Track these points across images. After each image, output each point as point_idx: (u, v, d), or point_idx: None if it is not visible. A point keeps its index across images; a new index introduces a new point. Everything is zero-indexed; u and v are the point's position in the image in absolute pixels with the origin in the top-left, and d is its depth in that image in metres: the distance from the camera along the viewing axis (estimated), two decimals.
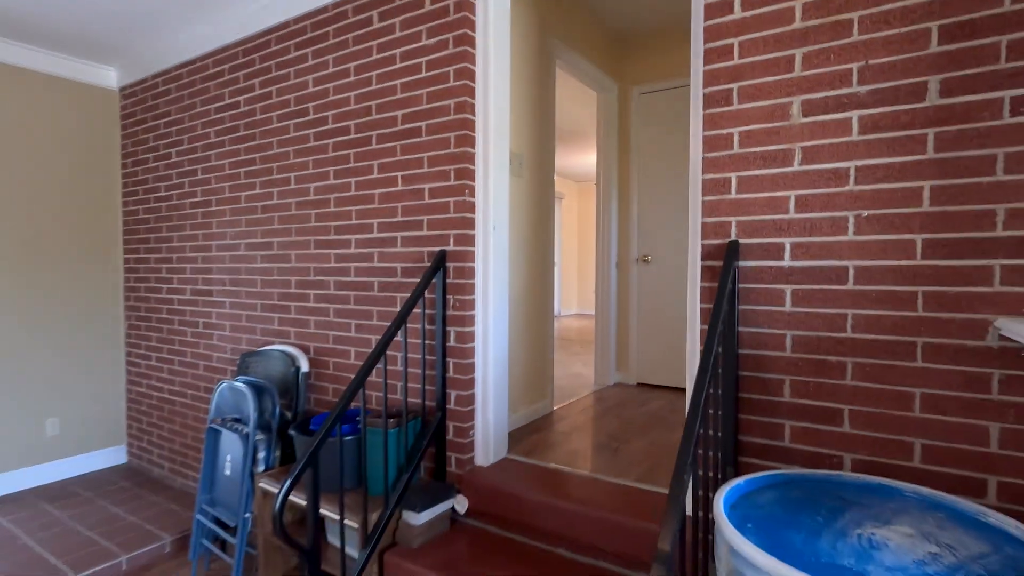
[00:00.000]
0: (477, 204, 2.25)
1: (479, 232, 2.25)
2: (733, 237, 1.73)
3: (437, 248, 2.28)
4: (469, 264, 2.23)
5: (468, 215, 2.22)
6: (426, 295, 2.30)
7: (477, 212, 2.25)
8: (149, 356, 3.60)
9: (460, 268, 2.22)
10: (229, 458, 2.49)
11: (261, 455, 2.38)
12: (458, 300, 2.23)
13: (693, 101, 1.80)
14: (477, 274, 2.26)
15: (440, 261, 2.21)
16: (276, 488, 2.21)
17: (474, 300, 2.25)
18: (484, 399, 2.28)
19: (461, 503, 2.12)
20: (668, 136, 3.91)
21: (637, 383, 4.07)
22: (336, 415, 1.74)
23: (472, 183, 2.23)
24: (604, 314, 4.08)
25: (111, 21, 2.99)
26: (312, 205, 2.69)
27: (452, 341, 2.25)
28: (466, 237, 2.22)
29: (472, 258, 2.24)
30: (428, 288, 2.27)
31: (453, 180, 2.22)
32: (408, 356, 2.32)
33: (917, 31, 1.47)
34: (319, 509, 1.75)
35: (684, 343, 3.84)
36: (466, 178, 2.21)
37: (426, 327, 2.29)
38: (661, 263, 3.97)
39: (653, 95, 3.98)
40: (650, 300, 4.02)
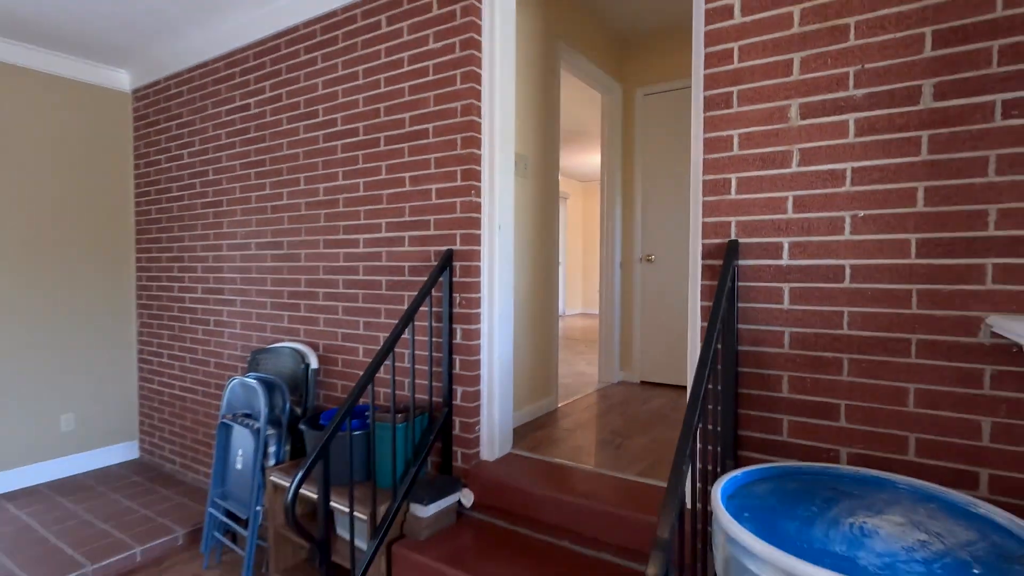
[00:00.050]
0: (483, 204, 2.30)
1: (485, 232, 2.30)
2: (733, 236, 1.77)
3: (444, 247, 2.33)
4: (475, 263, 2.28)
5: (474, 215, 2.27)
6: (433, 293, 2.35)
7: (483, 212, 2.30)
8: (161, 353, 3.67)
9: (466, 267, 2.27)
10: (240, 453, 2.55)
11: (272, 449, 2.44)
12: (464, 298, 2.28)
13: (694, 104, 1.84)
14: (483, 273, 2.31)
15: (447, 260, 2.26)
16: (287, 481, 2.27)
17: (480, 298, 2.30)
18: (489, 395, 2.33)
19: (467, 497, 2.17)
20: (671, 137, 3.95)
21: (640, 381, 4.11)
22: (346, 409, 1.79)
23: (478, 184, 2.28)
24: (608, 313, 4.12)
25: (125, 26, 3.05)
26: (321, 205, 2.75)
27: (458, 339, 2.30)
28: (472, 237, 2.27)
29: (478, 257, 2.29)
30: (435, 287, 2.32)
31: (460, 181, 2.27)
32: (415, 353, 2.37)
33: (912, 36, 1.51)
34: (330, 501, 1.80)
35: (687, 342, 3.87)
36: (472, 179, 2.26)
37: (433, 325, 2.34)
38: (664, 262, 4.00)
39: (656, 96, 4.01)
40: (654, 299, 4.05)
